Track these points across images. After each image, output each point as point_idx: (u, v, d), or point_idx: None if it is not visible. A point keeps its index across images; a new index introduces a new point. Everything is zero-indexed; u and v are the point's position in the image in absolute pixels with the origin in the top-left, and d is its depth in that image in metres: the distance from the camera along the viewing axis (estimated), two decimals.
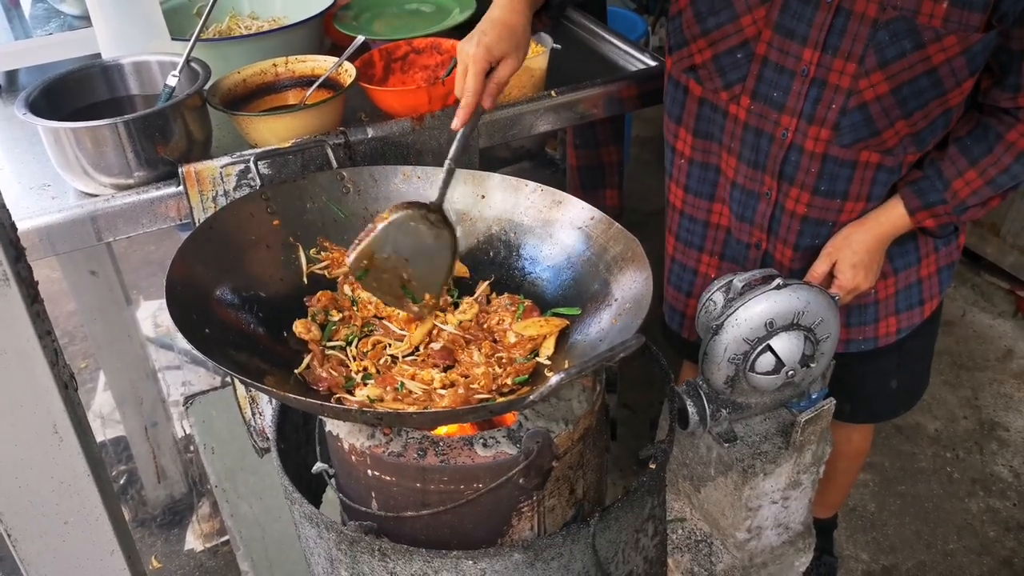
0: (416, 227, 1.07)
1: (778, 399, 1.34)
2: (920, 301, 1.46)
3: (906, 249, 1.39)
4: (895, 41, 1.15)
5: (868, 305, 1.44)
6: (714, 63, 1.33)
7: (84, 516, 0.86)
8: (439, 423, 1.02)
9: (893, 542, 2.12)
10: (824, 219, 1.34)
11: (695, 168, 1.46)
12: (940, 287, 1.46)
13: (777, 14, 1.23)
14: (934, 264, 1.43)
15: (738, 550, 1.48)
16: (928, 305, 1.47)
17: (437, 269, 1.10)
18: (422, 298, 1.11)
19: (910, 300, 1.45)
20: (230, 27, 1.69)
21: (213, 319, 1.05)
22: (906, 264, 1.41)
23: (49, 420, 0.79)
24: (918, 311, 1.47)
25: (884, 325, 1.47)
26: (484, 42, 1.14)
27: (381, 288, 1.10)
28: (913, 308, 1.46)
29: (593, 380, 1.09)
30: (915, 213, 1.29)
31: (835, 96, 1.22)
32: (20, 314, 0.74)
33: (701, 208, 1.49)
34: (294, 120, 1.34)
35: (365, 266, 1.08)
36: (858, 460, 1.80)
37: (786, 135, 1.29)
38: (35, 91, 1.29)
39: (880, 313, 1.45)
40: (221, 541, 2.15)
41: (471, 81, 1.14)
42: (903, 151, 1.26)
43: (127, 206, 1.29)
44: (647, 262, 1.07)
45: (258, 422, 1.52)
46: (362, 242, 1.07)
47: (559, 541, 1.01)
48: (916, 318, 1.47)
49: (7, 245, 0.72)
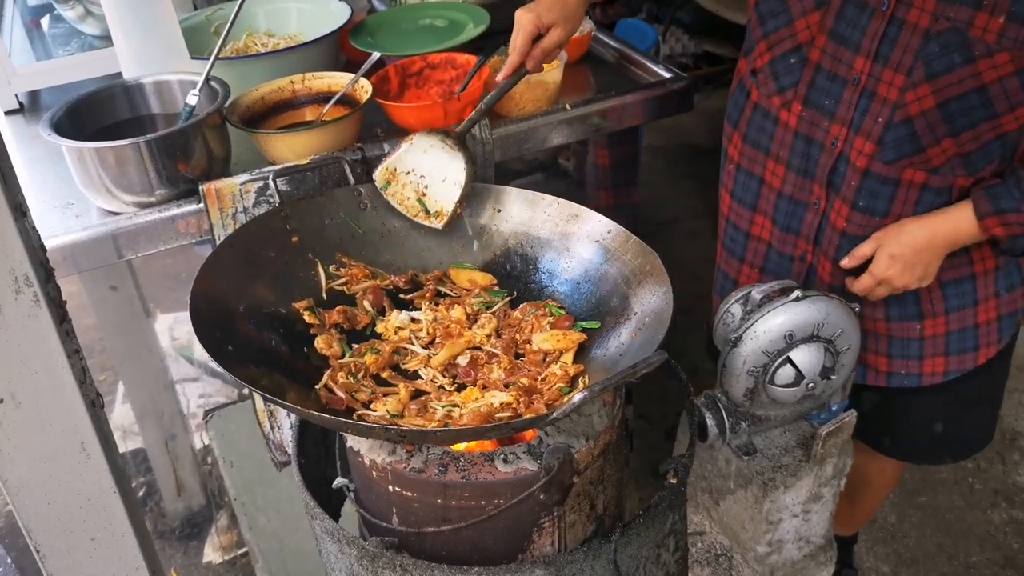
0: (435, 149, 1.26)
1: (798, 411, 1.33)
2: (975, 347, 1.38)
3: (963, 289, 1.32)
4: (945, 54, 1.12)
5: (912, 340, 1.37)
6: (770, 67, 1.32)
7: (111, 532, 0.87)
8: (461, 440, 1.03)
9: (915, 554, 2.10)
10: (862, 235, 1.29)
11: (741, 175, 1.46)
12: (999, 335, 1.39)
13: (832, 20, 1.22)
14: (994, 310, 1.36)
15: (758, 564, 1.47)
16: (984, 351, 1.39)
17: (450, 187, 1.24)
18: (437, 211, 1.25)
19: (963, 344, 1.38)
20: (247, 45, 1.71)
21: (236, 336, 1.06)
22: (961, 305, 1.34)
23: (77, 438, 0.80)
24: (971, 356, 1.39)
25: (931, 364, 1.40)
26: (536, 9, 1.28)
27: (400, 199, 1.27)
28: (966, 352, 1.39)
29: (613, 395, 1.09)
30: (984, 218, 1.19)
31: (882, 108, 1.20)
32: (50, 334, 0.75)
33: (744, 217, 1.48)
34: (312, 137, 1.36)
35: (388, 179, 1.27)
36: (887, 489, 1.76)
37: (836, 144, 1.26)
38: (59, 112, 1.31)
39: (926, 350, 1.39)
40: (239, 553, 2.16)
41: (519, 41, 1.28)
42: (951, 173, 1.21)
43: (149, 224, 1.30)
44: (666, 276, 1.07)
45: (276, 435, 1.53)
46: (387, 159, 1.27)
47: (580, 557, 1.01)
48: (968, 363, 1.40)
49: (37, 266, 0.73)
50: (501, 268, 1.27)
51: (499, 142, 1.50)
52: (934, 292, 1.33)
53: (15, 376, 0.75)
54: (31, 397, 0.76)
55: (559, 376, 1.07)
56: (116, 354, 2.02)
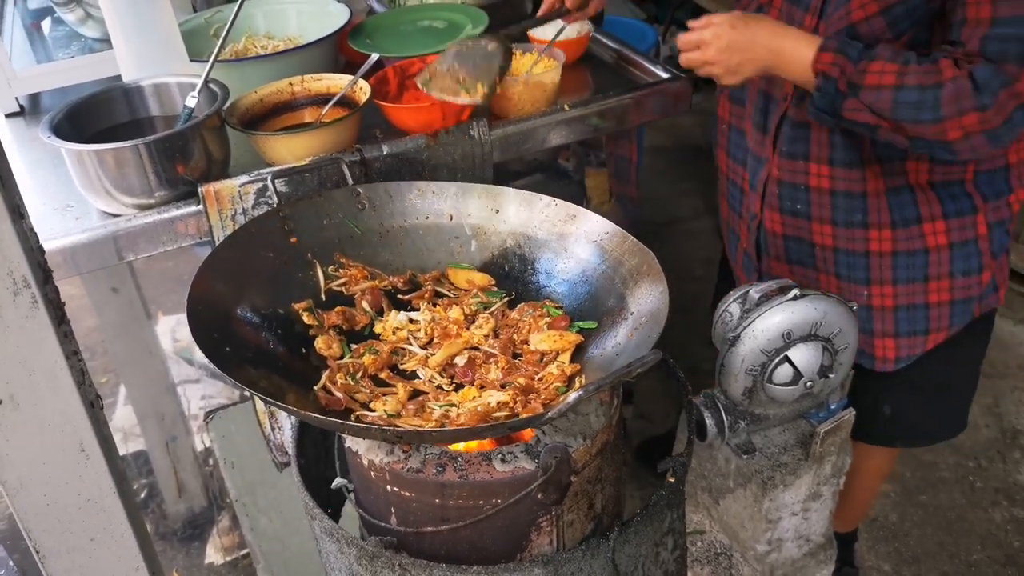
0: (471, 47, 1.35)
1: (797, 410, 1.33)
2: (925, 330, 1.38)
3: (914, 262, 1.34)
4: None
5: (860, 309, 1.38)
6: None
7: (110, 533, 0.87)
8: (458, 440, 1.03)
9: (916, 553, 2.10)
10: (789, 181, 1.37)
11: (733, 133, 1.51)
12: (950, 320, 1.38)
13: None
14: (947, 292, 1.36)
15: (758, 563, 1.47)
16: (933, 336, 1.39)
17: (488, 68, 1.33)
18: (475, 89, 1.32)
19: (913, 325, 1.38)
20: (247, 47, 1.72)
21: (234, 337, 1.06)
22: (910, 278, 1.35)
23: (76, 439, 0.81)
24: (921, 340, 1.39)
25: (881, 345, 1.41)
26: None
27: (440, 87, 1.34)
28: (916, 335, 1.39)
29: (610, 394, 1.09)
30: (823, 50, 1.16)
31: None
32: (48, 335, 0.75)
33: (738, 173, 1.52)
34: (310, 138, 1.36)
35: (429, 75, 1.35)
36: (878, 477, 1.77)
37: (787, 99, 1.32)
38: (59, 114, 1.32)
39: (876, 325, 1.39)
40: (241, 555, 2.16)
41: None
42: None
43: (148, 225, 1.31)
44: (663, 275, 1.07)
45: (277, 436, 1.53)
46: (428, 64, 1.39)
47: (578, 556, 1.01)
48: (918, 348, 1.40)
49: (35, 267, 0.74)
50: (499, 268, 1.27)
51: (498, 142, 1.50)
52: (884, 258, 1.35)
53: (14, 377, 0.75)
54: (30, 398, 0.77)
55: (556, 376, 1.07)
56: (117, 356, 2.03)
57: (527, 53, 1.64)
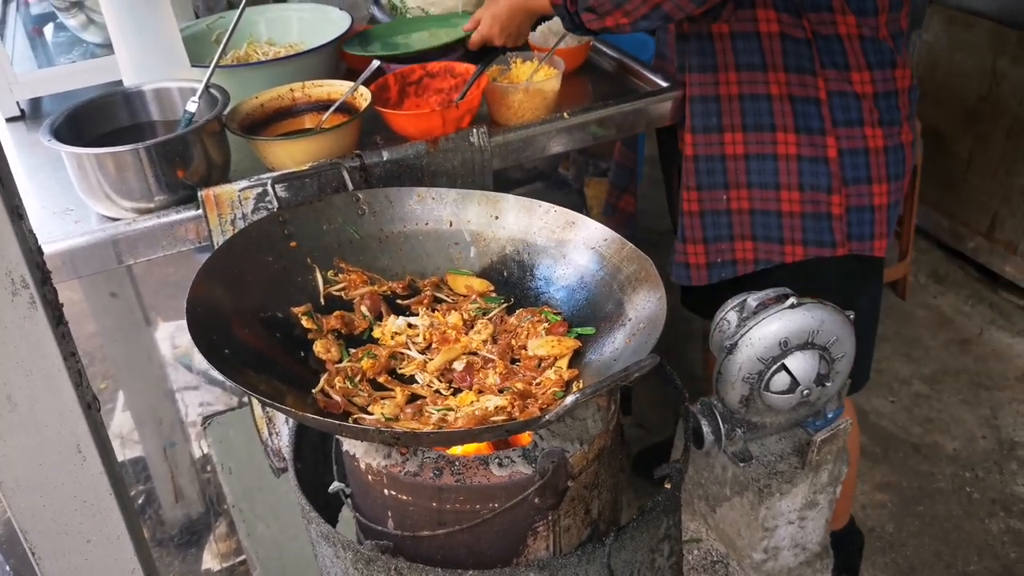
0: None
1: (793, 418, 1.33)
2: (780, 239, 1.39)
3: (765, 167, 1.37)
4: None
5: (721, 213, 1.41)
6: None
7: (106, 535, 0.87)
8: (454, 442, 1.03)
9: (912, 563, 2.09)
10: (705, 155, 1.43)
11: None
12: (803, 234, 1.39)
13: None
14: (797, 204, 1.37)
15: (755, 571, 1.47)
16: (789, 248, 1.40)
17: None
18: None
19: (768, 231, 1.40)
20: (248, 53, 1.73)
21: (233, 340, 1.06)
22: (763, 183, 1.38)
23: (73, 440, 0.81)
24: (777, 249, 1.40)
25: (741, 247, 1.41)
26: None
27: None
28: (771, 242, 1.40)
29: (608, 400, 1.09)
30: None
31: None
32: (46, 336, 0.76)
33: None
34: (311, 144, 1.37)
35: None
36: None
37: None
38: (59, 118, 1.32)
39: (735, 229, 1.40)
40: (238, 561, 2.15)
41: None
42: None
43: (148, 229, 1.31)
44: (660, 282, 1.08)
45: (275, 442, 1.53)
46: None
47: (574, 561, 1.01)
48: (775, 255, 1.41)
49: (33, 269, 0.74)
50: (498, 274, 1.28)
51: (497, 150, 1.51)
52: (738, 162, 1.40)
53: (11, 378, 0.76)
54: (27, 399, 0.77)
55: (554, 381, 1.07)
56: (116, 361, 2.03)
57: (527, 61, 1.65)
